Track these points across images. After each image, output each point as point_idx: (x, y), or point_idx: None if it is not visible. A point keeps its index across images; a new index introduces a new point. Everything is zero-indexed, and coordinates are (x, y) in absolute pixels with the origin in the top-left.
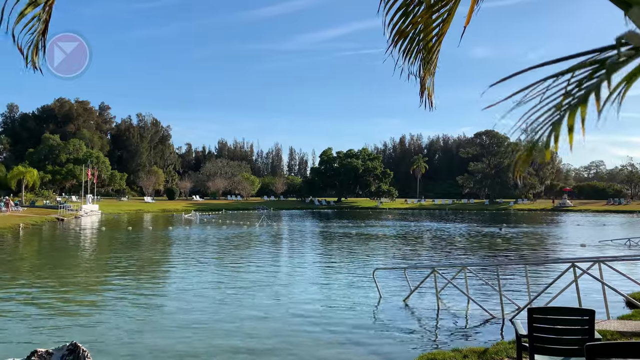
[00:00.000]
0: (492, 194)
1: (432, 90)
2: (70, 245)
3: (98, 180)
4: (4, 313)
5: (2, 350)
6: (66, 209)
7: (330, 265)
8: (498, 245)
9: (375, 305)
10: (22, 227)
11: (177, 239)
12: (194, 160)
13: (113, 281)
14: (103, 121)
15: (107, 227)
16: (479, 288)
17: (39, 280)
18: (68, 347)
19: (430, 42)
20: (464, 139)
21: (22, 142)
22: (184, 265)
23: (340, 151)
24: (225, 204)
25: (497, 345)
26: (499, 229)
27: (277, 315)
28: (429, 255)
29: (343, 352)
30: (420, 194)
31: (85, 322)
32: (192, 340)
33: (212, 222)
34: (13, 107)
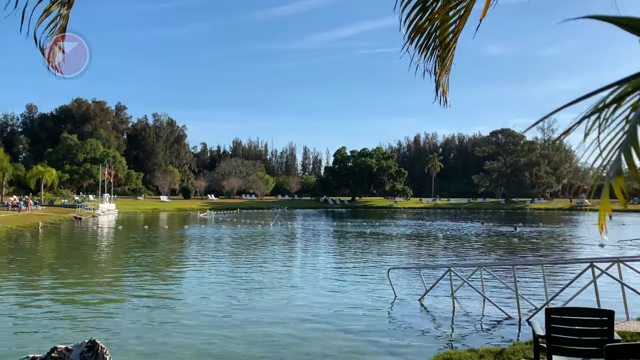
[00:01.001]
0: (508, 193)
1: (447, 88)
2: (88, 243)
3: (115, 180)
4: (25, 310)
5: (23, 346)
6: (84, 208)
7: (345, 265)
8: (514, 244)
9: (390, 305)
10: (41, 225)
11: (193, 238)
12: (209, 159)
13: (130, 279)
14: (119, 121)
15: (123, 226)
16: (495, 288)
17: (57, 278)
18: (87, 344)
19: (447, 39)
20: (480, 138)
21: (40, 142)
22: (200, 264)
23: (355, 150)
24: (240, 203)
25: (514, 345)
26: (514, 229)
27: (291, 314)
28: (444, 255)
29: (358, 351)
30: (435, 193)
31: (103, 320)
32: (208, 337)
33: (227, 221)
34: (32, 107)
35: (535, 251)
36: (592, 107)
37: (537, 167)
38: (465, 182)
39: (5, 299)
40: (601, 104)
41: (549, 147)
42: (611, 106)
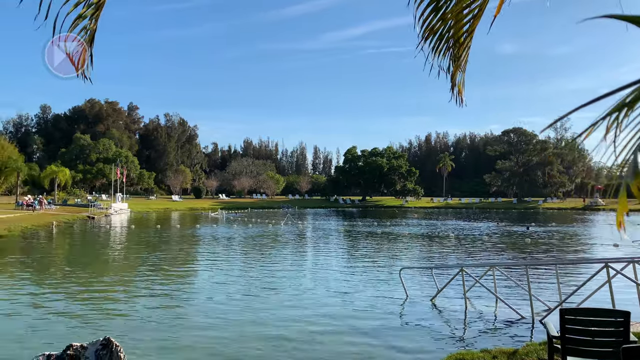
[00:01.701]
0: (520, 192)
1: (463, 87)
2: (101, 243)
3: (127, 179)
4: (40, 308)
5: (39, 344)
6: (97, 207)
7: (356, 265)
8: (527, 244)
9: (401, 305)
10: (55, 224)
11: (205, 237)
12: (220, 159)
13: (142, 278)
14: (132, 121)
15: (136, 225)
16: (507, 288)
17: (71, 276)
18: (102, 342)
19: (461, 39)
20: (492, 137)
21: (54, 142)
22: (211, 263)
23: (365, 150)
24: (251, 203)
25: (527, 346)
26: (527, 228)
27: (303, 313)
28: (455, 255)
29: (369, 351)
30: (446, 193)
31: (116, 318)
32: (220, 336)
33: (238, 221)
34: (46, 108)
35: (548, 251)
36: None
37: (549, 166)
38: (477, 182)
39: (20, 297)
40: (621, 103)
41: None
42: (634, 105)
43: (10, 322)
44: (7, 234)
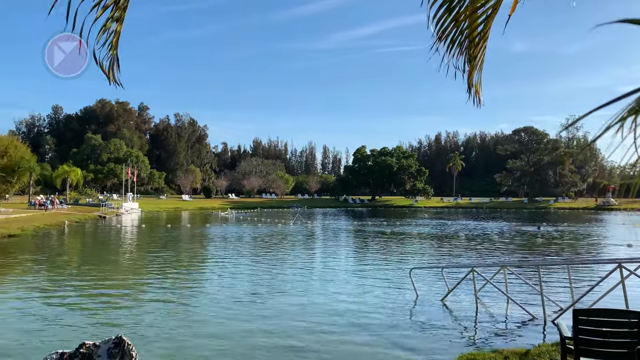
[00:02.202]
0: (531, 192)
1: (480, 86)
2: (112, 242)
3: (138, 179)
4: (52, 306)
5: (52, 341)
6: (108, 207)
7: (365, 264)
8: (538, 244)
9: (412, 305)
10: (67, 224)
11: (215, 236)
12: (229, 159)
13: (153, 277)
14: (142, 121)
15: (147, 225)
16: (519, 288)
17: (83, 275)
18: (114, 341)
19: (476, 39)
20: (502, 136)
21: (66, 142)
22: (221, 263)
23: (374, 149)
24: (260, 202)
25: (539, 347)
26: (538, 228)
27: (312, 313)
28: (466, 255)
29: (380, 351)
30: (456, 192)
31: (128, 317)
32: (230, 335)
33: (247, 220)
34: (58, 108)
35: (560, 251)
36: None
37: (561, 165)
38: (487, 181)
39: (34, 295)
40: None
41: (573, 145)
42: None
43: (24, 320)
44: (21, 233)
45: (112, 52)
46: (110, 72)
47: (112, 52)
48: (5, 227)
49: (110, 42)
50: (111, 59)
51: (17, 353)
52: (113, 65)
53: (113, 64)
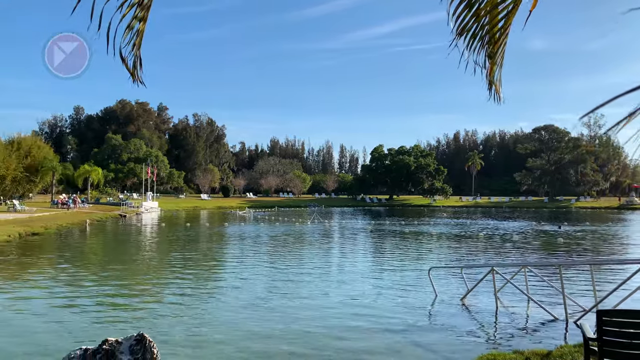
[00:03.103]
0: (551, 191)
1: (500, 83)
2: (133, 240)
3: (157, 178)
4: (76, 304)
5: (76, 338)
6: (128, 205)
7: (383, 263)
8: (559, 244)
9: (431, 305)
10: (88, 223)
11: (233, 235)
12: (247, 158)
13: (173, 276)
14: (161, 121)
15: (166, 224)
16: (539, 288)
17: (105, 273)
18: (136, 338)
19: (496, 35)
20: (522, 135)
21: (87, 142)
22: (240, 261)
23: (392, 148)
24: (278, 201)
25: (561, 348)
26: (558, 227)
27: (330, 312)
28: (485, 254)
29: (399, 350)
30: (475, 192)
31: (148, 314)
32: (249, 333)
33: (265, 219)
34: (79, 109)
35: (582, 251)
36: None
37: (582, 164)
38: (506, 180)
39: (58, 293)
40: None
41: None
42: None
43: (49, 317)
44: (44, 231)
45: (136, 51)
46: (134, 71)
47: (135, 52)
48: (29, 226)
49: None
50: (134, 58)
51: (43, 349)
52: (136, 64)
53: (136, 62)
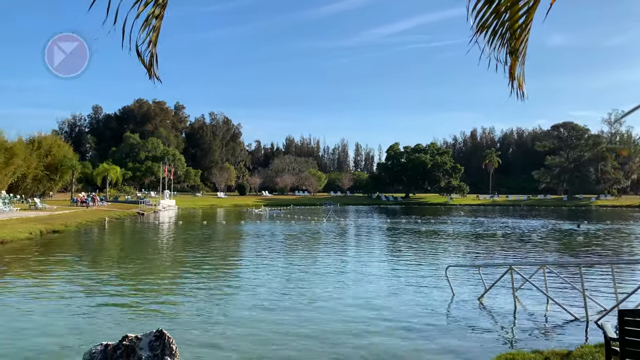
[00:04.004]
0: (571, 189)
1: (523, 79)
2: (150, 238)
3: (174, 177)
4: (96, 301)
5: (96, 334)
6: (146, 204)
7: (400, 262)
8: (579, 243)
9: (448, 304)
10: (107, 220)
11: (249, 233)
12: (263, 156)
13: (191, 273)
14: (178, 120)
15: (183, 221)
16: (559, 288)
17: (124, 270)
18: (155, 334)
19: (517, 32)
20: (540, 132)
21: (105, 141)
22: (256, 259)
23: (408, 146)
24: (293, 200)
25: (582, 348)
26: (577, 226)
27: (347, 310)
28: (503, 253)
29: (417, 349)
30: (492, 190)
31: (166, 311)
32: (265, 330)
33: (281, 217)
34: (98, 108)
35: (602, 250)
36: None
37: (603, 161)
38: (524, 178)
39: (78, 289)
40: None
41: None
42: None
43: (69, 313)
44: (64, 229)
45: (152, 48)
46: (150, 67)
47: (151, 48)
48: (50, 224)
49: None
50: (150, 55)
51: (64, 344)
52: (152, 60)
53: (152, 59)
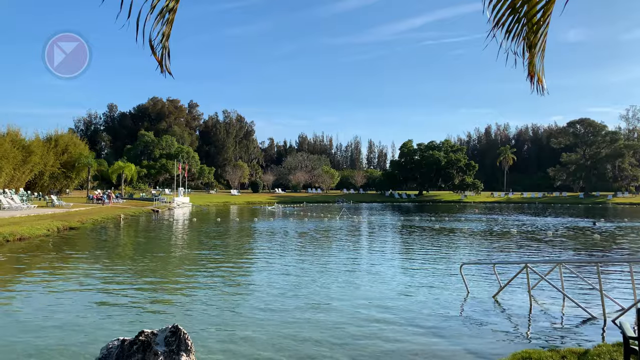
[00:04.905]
0: (587, 186)
1: (543, 74)
2: (165, 235)
3: (188, 174)
4: (113, 296)
5: (113, 329)
6: (160, 201)
7: (413, 259)
8: (595, 241)
9: (462, 301)
10: (122, 217)
11: (262, 230)
12: (276, 154)
13: (205, 269)
14: (192, 118)
15: (197, 219)
16: (575, 286)
17: (140, 266)
18: (170, 329)
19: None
20: (556, 129)
21: (120, 139)
22: (270, 256)
23: (421, 143)
24: (306, 197)
25: (599, 347)
26: (593, 223)
27: (361, 308)
28: (518, 251)
29: (431, 347)
30: (507, 187)
31: (182, 307)
32: (279, 326)
33: (294, 214)
34: (113, 106)
35: (619, 248)
36: None
37: (620, 158)
38: (540, 176)
39: (94, 285)
40: None
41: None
42: None
43: (87, 309)
44: (80, 226)
45: (165, 42)
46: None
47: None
48: (66, 220)
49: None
50: (162, 49)
51: (81, 339)
52: (165, 54)
53: (165, 53)
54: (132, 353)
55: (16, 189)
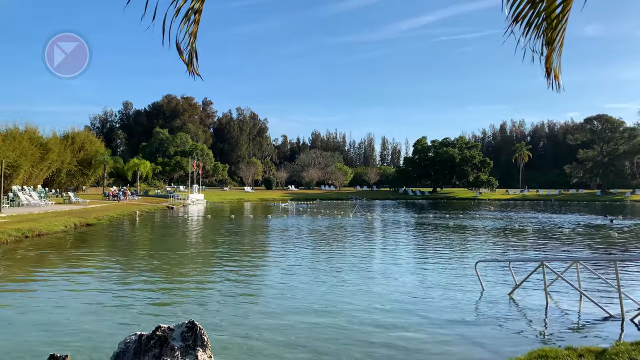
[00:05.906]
0: (604, 183)
1: (560, 70)
2: (180, 231)
3: (203, 171)
4: (130, 291)
5: (130, 325)
6: (175, 198)
7: (428, 257)
8: (612, 238)
9: (477, 299)
10: (138, 214)
11: (276, 227)
12: (289, 151)
13: (220, 266)
14: (206, 115)
15: (212, 215)
16: (592, 284)
17: (156, 263)
18: (187, 325)
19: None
20: (572, 125)
21: (135, 137)
22: (284, 253)
23: (436, 140)
24: (319, 194)
25: (617, 345)
26: (610, 221)
27: (375, 305)
28: (534, 248)
29: (446, 344)
30: (522, 184)
31: (197, 303)
32: (293, 323)
33: (307, 212)
34: (128, 104)
35: (637, 246)
36: None
37: (638, 155)
38: (556, 173)
39: (111, 281)
40: None
41: None
42: None
43: (103, 304)
44: (97, 222)
45: (192, 43)
46: (190, 63)
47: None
48: (83, 217)
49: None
50: (190, 50)
51: (99, 334)
52: (192, 56)
53: (192, 54)
54: (149, 348)
55: (34, 185)
